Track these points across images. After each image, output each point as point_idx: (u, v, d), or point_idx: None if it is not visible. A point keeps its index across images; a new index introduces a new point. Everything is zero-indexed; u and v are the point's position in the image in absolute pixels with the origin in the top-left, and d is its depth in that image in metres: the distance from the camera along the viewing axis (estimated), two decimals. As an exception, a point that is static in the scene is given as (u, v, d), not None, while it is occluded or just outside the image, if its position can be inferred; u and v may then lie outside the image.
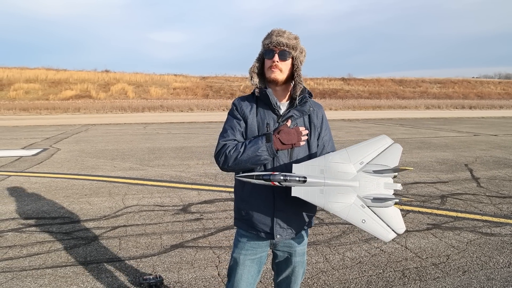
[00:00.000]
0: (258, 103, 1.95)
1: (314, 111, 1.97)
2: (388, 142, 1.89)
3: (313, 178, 1.76)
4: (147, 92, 43.87)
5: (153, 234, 4.17)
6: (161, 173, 7.35)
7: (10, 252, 3.67)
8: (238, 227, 2.04)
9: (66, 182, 6.58)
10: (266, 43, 1.88)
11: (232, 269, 2.02)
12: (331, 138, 2.04)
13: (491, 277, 3.21)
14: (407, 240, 4.01)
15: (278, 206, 1.91)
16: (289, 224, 1.95)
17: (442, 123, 21.22)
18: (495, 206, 5.21)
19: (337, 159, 1.80)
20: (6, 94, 38.93)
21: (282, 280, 2.14)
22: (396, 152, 1.87)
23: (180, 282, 3.15)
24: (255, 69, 1.95)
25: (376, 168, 1.81)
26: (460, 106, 41.89)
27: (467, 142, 12.06)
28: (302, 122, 1.94)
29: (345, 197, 1.78)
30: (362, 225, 1.78)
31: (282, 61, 1.87)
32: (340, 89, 51.34)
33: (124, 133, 15.06)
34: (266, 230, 1.93)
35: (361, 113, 32.25)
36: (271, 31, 1.90)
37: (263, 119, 1.92)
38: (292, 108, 1.93)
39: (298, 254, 2.05)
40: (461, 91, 55.27)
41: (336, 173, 1.78)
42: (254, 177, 1.76)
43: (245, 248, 1.99)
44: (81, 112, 30.85)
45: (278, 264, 2.12)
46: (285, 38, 1.84)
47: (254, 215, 1.93)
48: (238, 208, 2.01)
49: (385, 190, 1.81)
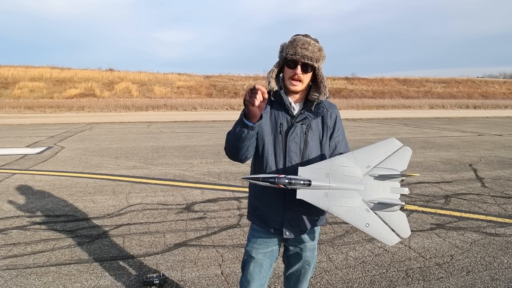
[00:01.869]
0: (272, 103, 1.96)
1: (328, 112, 1.97)
2: (397, 145, 1.87)
3: (318, 181, 1.76)
4: (151, 91, 43.92)
5: (157, 232, 4.18)
6: (164, 171, 7.36)
7: (15, 249, 3.69)
8: (251, 222, 2.10)
9: (70, 180, 6.61)
10: (290, 53, 1.83)
11: (246, 262, 2.08)
12: (344, 139, 2.04)
13: (495, 278, 3.20)
14: (410, 240, 4.00)
15: (288, 204, 1.93)
16: (298, 222, 1.98)
17: (446, 122, 21.13)
18: (499, 206, 5.18)
19: (343, 163, 1.80)
20: (11, 93, 39.11)
21: (291, 274, 2.20)
22: (405, 156, 1.85)
23: (184, 280, 3.16)
24: (273, 74, 1.93)
25: (383, 172, 1.79)
26: (464, 106, 41.69)
27: (471, 142, 12.01)
28: (316, 123, 1.95)
29: (350, 200, 1.78)
30: (366, 229, 1.77)
31: (304, 73, 1.86)
32: (344, 89, 51.21)
33: (128, 132, 15.09)
34: (276, 227, 1.97)
35: (365, 112, 32.17)
36: (296, 40, 1.84)
37: (276, 119, 1.93)
38: (307, 110, 1.93)
39: (309, 250, 2.10)
40: (465, 91, 54.99)
41: (342, 176, 1.78)
42: (260, 179, 1.80)
43: (257, 242, 2.04)
44: (85, 111, 30.93)
45: (289, 257, 2.17)
46: (310, 52, 1.81)
47: (266, 211, 1.98)
48: (252, 203, 2.06)
49: (391, 194, 1.80)
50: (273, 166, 1.92)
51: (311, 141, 1.93)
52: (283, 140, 1.91)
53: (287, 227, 1.96)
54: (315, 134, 1.95)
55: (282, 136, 1.91)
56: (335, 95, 47.98)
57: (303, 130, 1.92)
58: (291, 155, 1.90)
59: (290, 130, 1.91)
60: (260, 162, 1.95)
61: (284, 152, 1.91)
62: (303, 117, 1.92)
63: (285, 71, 1.91)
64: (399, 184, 1.82)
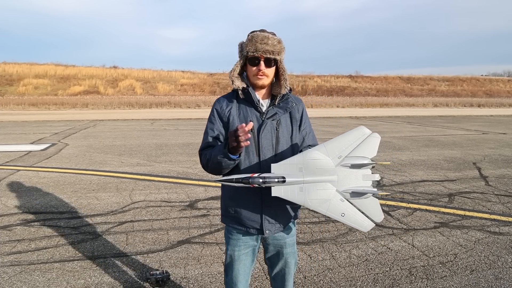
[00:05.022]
0: (239, 101, 1.97)
1: (296, 106, 2.01)
2: (366, 132, 1.89)
3: (292, 177, 1.77)
4: (155, 88, 44.01)
5: (160, 229, 4.19)
6: (168, 169, 7.37)
7: (19, 245, 3.71)
8: (226, 224, 2.07)
9: (74, 177, 6.63)
10: (250, 50, 1.85)
11: (229, 265, 2.07)
12: (311, 131, 2.09)
13: (499, 277, 3.18)
14: (414, 238, 3.99)
15: (266, 202, 1.93)
16: (277, 219, 1.98)
17: (450, 121, 21.05)
18: (503, 205, 5.16)
19: (315, 156, 1.80)
20: (15, 89, 39.29)
21: (276, 274, 2.17)
22: (374, 142, 1.88)
23: (187, 277, 3.16)
24: (235, 73, 1.94)
25: (354, 161, 1.81)
26: (468, 104, 41.54)
27: (475, 141, 11.96)
28: (285, 118, 1.98)
29: (325, 192, 1.79)
30: (342, 218, 1.80)
31: (267, 67, 1.89)
32: (348, 87, 51.11)
33: (131, 129, 15.12)
34: (256, 226, 1.96)
35: (368, 110, 32.09)
36: (254, 37, 1.85)
37: (246, 116, 1.93)
38: (275, 106, 1.95)
39: (289, 245, 2.09)
40: (469, 89, 54.77)
41: (315, 169, 1.79)
42: (233, 181, 1.78)
43: (237, 245, 2.02)
44: (89, 108, 31.03)
45: (270, 258, 2.15)
46: (270, 46, 1.83)
47: (243, 213, 1.96)
48: (226, 205, 2.04)
49: (363, 182, 1.83)
50: (247, 165, 1.91)
51: (282, 136, 1.95)
52: (255, 138, 1.91)
53: (267, 225, 1.96)
54: (285, 129, 1.97)
55: (254, 134, 1.91)
56: (338, 93, 47.90)
57: (274, 126, 1.93)
58: (264, 152, 1.90)
59: (262, 127, 1.91)
60: None
61: (257, 150, 1.91)
62: (273, 113, 1.94)
63: (249, 69, 1.91)
64: (370, 171, 1.85)
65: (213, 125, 1.98)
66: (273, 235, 2.03)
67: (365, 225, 1.81)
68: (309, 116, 2.12)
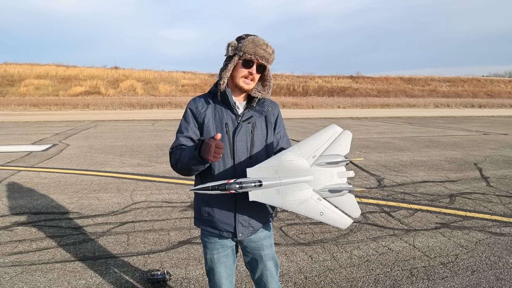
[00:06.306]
0: (215, 102, 1.96)
1: (271, 110, 2.02)
2: (337, 130, 1.92)
3: (269, 180, 1.77)
4: (156, 89, 44.04)
5: (161, 230, 4.20)
6: (169, 169, 7.37)
7: (20, 246, 3.72)
8: (200, 227, 2.05)
9: (75, 177, 6.64)
10: (249, 52, 1.84)
11: (211, 269, 2.06)
12: (285, 134, 2.10)
13: (500, 277, 3.18)
14: (415, 239, 3.99)
15: (240, 205, 1.92)
16: (251, 222, 1.97)
17: (451, 121, 21.03)
18: (504, 205, 5.15)
19: (290, 157, 1.81)
20: (17, 90, 39.34)
21: (259, 278, 2.13)
22: (346, 139, 1.90)
23: (188, 278, 3.17)
24: (228, 73, 1.91)
25: (328, 160, 1.83)
26: (469, 105, 41.51)
27: (476, 141, 11.95)
28: (260, 121, 1.98)
29: (302, 193, 1.80)
30: (320, 217, 1.81)
31: (258, 73, 1.91)
32: (349, 87, 51.09)
33: (132, 130, 15.14)
34: (229, 229, 1.95)
35: (369, 111, 32.08)
36: (256, 41, 1.86)
37: (221, 118, 1.92)
38: (251, 109, 1.95)
39: (266, 247, 2.06)
40: (470, 90, 54.71)
41: (291, 171, 1.79)
42: (209, 188, 1.75)
43: (215, 248, 2.02)
44: (90, 108, 31.06)
45: (249, 263, 2.13)
46: (267, 53, 1.86)
47: (216, 216, 1.95)
48: (199, 208, 2.01)
49: (338, 179, 1.85)
50: (221, 168, 1.90)
51: (257, 139, 1.95)
52: (230, 140, 1.89)
53: (240, 228, 1.94)
54: (260, 133, 1.96)
55: (229, 136, 1.90)
56: (339, 93, 47.89)
57: (249, 129, 1.93)
58: (239, 154, 1.90)
59: (237, 129, 1.90)
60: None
61: (232, 153, 1.90)
62: (248, 116, 1.93)
63: (239, 70, 1.90)
64: (344, 168, 1.87)
65: (187, 125, 1.95)
66: (249, 237, 2.01)
67: (343, 222, 1.83)
68: (309, 116, 2.13)
